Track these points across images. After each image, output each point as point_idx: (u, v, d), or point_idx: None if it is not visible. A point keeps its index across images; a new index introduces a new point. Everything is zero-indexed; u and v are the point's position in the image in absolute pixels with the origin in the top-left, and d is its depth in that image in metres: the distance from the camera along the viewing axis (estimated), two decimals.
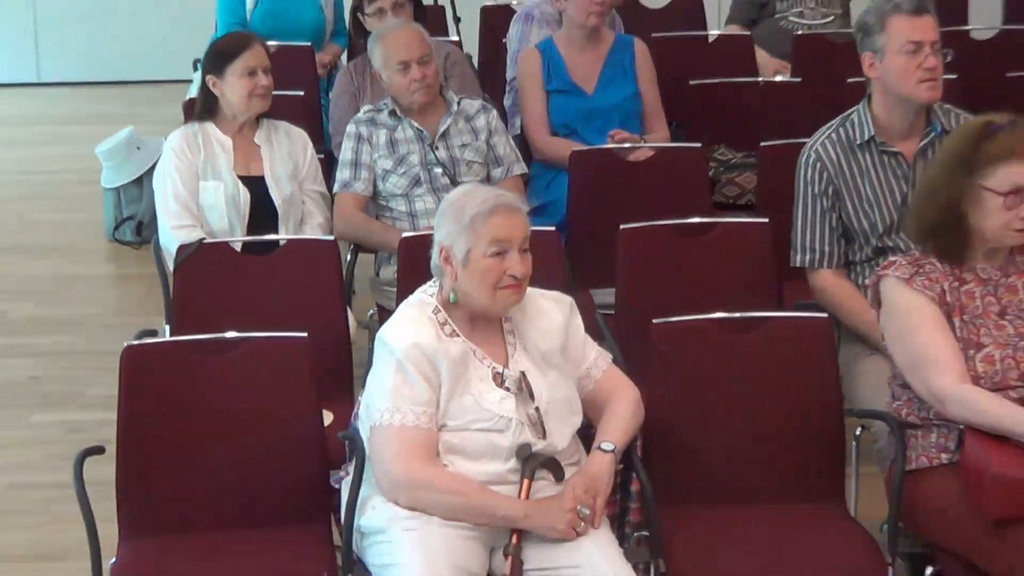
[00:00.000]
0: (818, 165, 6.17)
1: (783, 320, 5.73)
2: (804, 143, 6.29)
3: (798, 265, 6.25)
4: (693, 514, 5.35)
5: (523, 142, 7.85)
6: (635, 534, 5.33)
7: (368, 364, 5.24)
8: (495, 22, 9.96)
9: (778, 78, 9.11)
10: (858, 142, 6.18)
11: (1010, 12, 10.39)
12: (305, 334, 5.46)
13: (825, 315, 5.82)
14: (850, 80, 7.82)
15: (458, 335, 5.02)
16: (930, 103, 6.16)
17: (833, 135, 6.22)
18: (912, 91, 6.08)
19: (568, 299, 5.28)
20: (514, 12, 9.46)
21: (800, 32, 9.74)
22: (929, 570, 5.28)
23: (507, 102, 8.40)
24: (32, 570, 6.17)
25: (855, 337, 6.01)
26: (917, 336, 5.18)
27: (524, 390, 5.00)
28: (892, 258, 5.39)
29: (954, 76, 6.55)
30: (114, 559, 5.12)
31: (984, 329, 5.21)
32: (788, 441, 5.53)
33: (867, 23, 6.20)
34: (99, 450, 5.23)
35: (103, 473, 5.25)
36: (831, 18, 9.99)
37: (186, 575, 5.12)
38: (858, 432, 5.76)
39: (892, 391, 5.41)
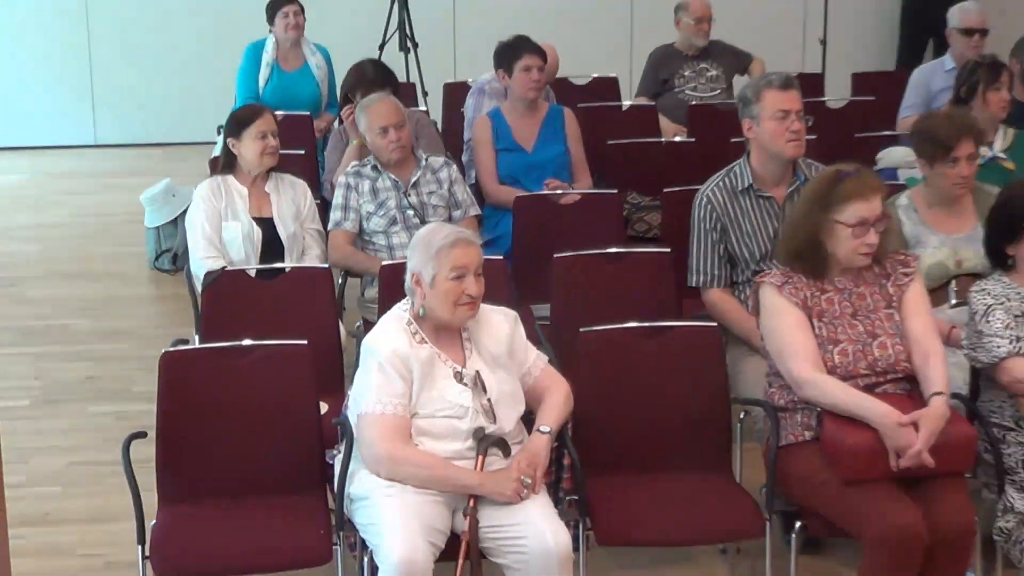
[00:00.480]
0: (708, 207, 6.17)
1: (682, 328, 5.72)
2: (697, 189, 6.28)
3: (694, 285, 6.24)
4: (613, 481, 5.33)
5: (477, 189, 7.84)
6: (567, 498, 5.33)
7: (355, 365, 5.22)
8: (454, 95, 9.95)
9: (677, 139, 9.12)
10: (739, 189, 6.17)
11: (856, 87, 10.43)
12: (305, 342, 5.45)
13: (715, 324, 5.84)
14: (733, 140, 7.81)
15: (426, 342, 5.02)
16: (795, 158, 6.17)
17: (720, 183, 6.22)
18: (782, 149, 6.09)
19: (513, 313, 5.28)
20: (470, 88, 9.48)
21: (694, 103, 9.75)
22: (797, 524, 5.26)
23: (465, 158, 8.38)
24: (90, 530, 6.14)
25: (739, 341, 6.01)
26: (783, 332, 5.22)
27: (478, 385, 5.01)
28: (771, 271, 5.39)
29: (814, 137, 6.54)
30: (154, 521, 5.12)
31: (840, 328, 5.22)
32: (687, 423, 5.53)
33: (746, 95, 6.22)
34: (142, 435, 5.24)
35: (146, 453, 5.25)
36: (718, 91, 10.03)
37: (212, 532, 5.10)
38: (742, 416, 5.76)
39: (767, 383, 5.40)
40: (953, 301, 5.99)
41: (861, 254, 5.21)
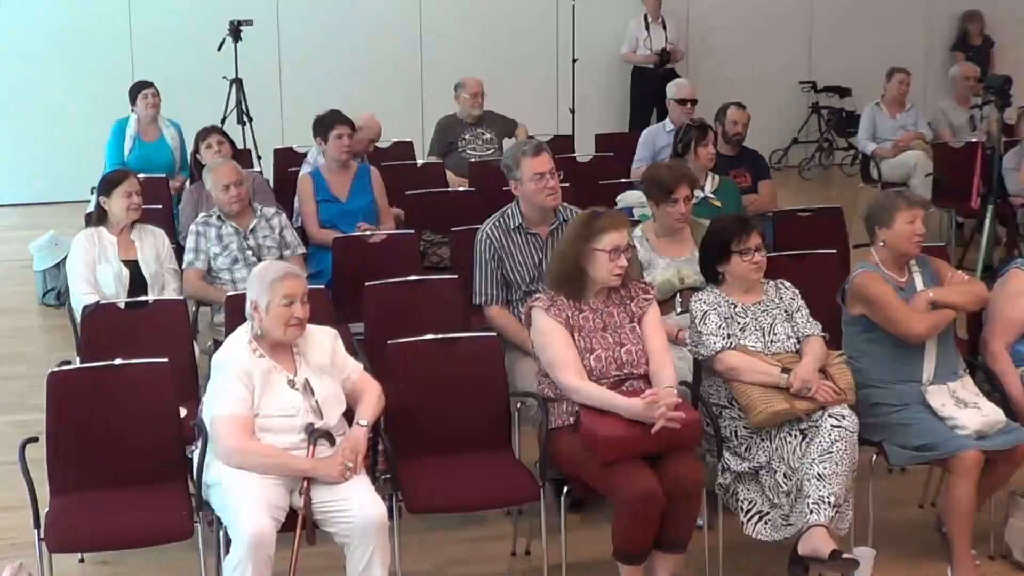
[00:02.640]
0: (487, 241, 6.16)
1: (469, 339, 5.70)
2: (479, 228, 6.26)
3: (477, 304, 6.22)
4: (419, 462, 5.30)
5: (303, 233, 7.74)
6: (382, 477, 5.32)
7: (208, 377, 5.11)
8: (282, 158, 9.84)
9: (461, 189, 9.11)
10: (512, 227, 6.17)
11: (599, 145, 10.52)
12: (166, 360, 5.36)
13: (495, 335, 5.82)
14: (504, 188, 7.81)
15: (264, 356, 4.97)
16: (554, 207, 6.17)
17: (496, 223, 6.21)
18: (542, 202, 6.11)
19: (333, 331, 5.24)
20: (295, 153, 9.42)
21: (473, 160, 9.77)
22: (565, 489, 5.27)
23: (294, 208, 8.27)
24: None
25: (514, 346, 5.99)
26: (551, 347, 5.21)
27: (308, 389, 4.96)
28: (538, 295, 5.38)
29: (568, 185, 6.59)
30: (47, 508, 5.00)
31: (595, 339, 5.23)
32: (476, 413, 5.53)
33: (508, 163, 6.23)
34: (35, 439, 5.15)
35: (39, 454, 5.13)
36: (492, 151, 10.04)
37: (94, 516, 4.99)
38: (519, 406, 5.73)
39: (538, 379, 5.40)
40: (679, 310, 6.06)
41: (615, 275, 5.24)
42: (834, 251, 6.85)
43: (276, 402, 4.91)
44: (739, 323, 5.45)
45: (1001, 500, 5.73)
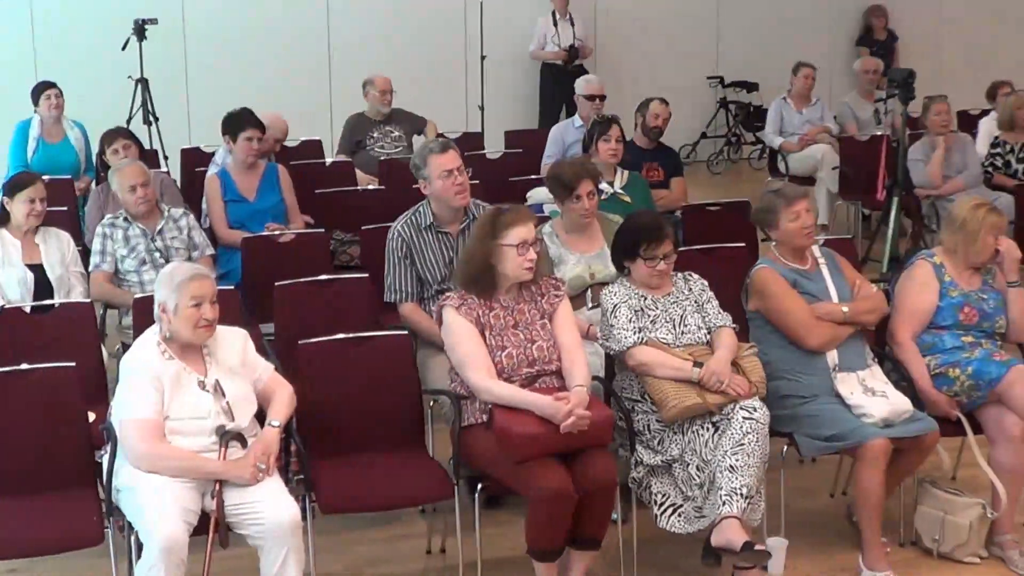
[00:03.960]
0: (399, 239, 6.13)
1: (381, 337, 5.68)
2: (389, 226, 6.24)
3: (390, 301, 6.19)
4: (332, 462, 5.29)
5: (211, 233, 7.68)
6: (295, 477, 5.26)
7: (116, 380, 5.06)
8: (189, 158, 9.77)
9: (370, 187, 9.10)
10: (423, 226, 6.15)
11: (509, 142, 10.55)
12: (74, 364, 5.31)
13: (406, 332, 5.82)
14: (414, 186, 7.81)
15: (174, 358, 4.92)
16: (464, 206, 6.17)
17: (408, 221, 6.18)
18: (451, 199, 6.09)
19: (243, 331, 5.22)
20: (202, 153, 9.34)
21: (383, 158, 9.75)
22: (479, 486, 5.26)
23: (203, 208, 8.20)
24: None
25: (427, 344, 5.98)
26: (460, 346, 5.21)
27: (218, 391, 4.93)
28: (448, 294, 5.38)
29: (477, 182, 6.60)
30: None
31: (506, 337, 5.23)
32: (389, 412, 5.52)
33: (416, 162, 6.21)
34: None
35: None
36: (400, 148, 10.05)
37: (2, 523, 4.91)
38: (432, 404, 5.74)
39: (451, 377, 5.39)
40: (590, 304, 6.08)
41: (525, 269, 5.24)
42: (743, 244, 6.94)
43: (186, 404, 4.86)
44: (650, 315, 5.49)
45: (910, 488, 5.82)
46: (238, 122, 7.95)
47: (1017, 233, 7.61)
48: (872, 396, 5.49)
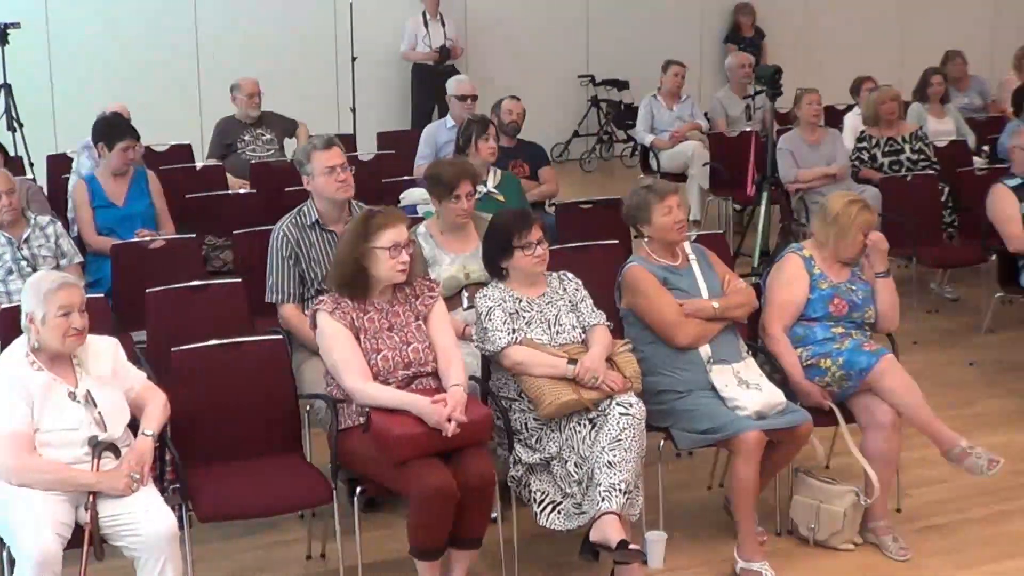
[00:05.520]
0: (284, 239, 6.08)
1: (255, 343, 5.63)
2: (262, 230, 6.21)
3: (272, 301, 6.12)
4: (208, 470, 5.25)
5: (80, 240, 7.56)
6: (171, 486, 5.20)
7: None
8: (55, 165, 9.61)
9: (242, 191, 9.02)
10: (308, 224, 6.11)
11: (381, 143, 10.56)
12: None
13: (281, 337, 5.77)
14: (287, 189, 7.81)
15: (43, 369, 4.84)
16: (348, 200, 6.15)
17: (293, 220, 6.14)
18: (334, 195, 6.09)
19: (114, 340, 5.15)
20: (69, 160, 9.18)
21: (254, 162, 9.67)
22: (358, 489, 5.24)
23: (70, 216, 8.05)
24: None
25: (303, 347, 5.95)
26: (336, 350, 5.20)
27: (90, 401, 4.85)
28: (321, 297, 5.35)
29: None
30: None
31: (381, 340, 5.23)
32: (265, 417, 5.49)
33: (299, 159, 6.20)
34: None
35: None
36: (272, 151, 9.99)
37: None
38: (308, 408, 5.71)
39: (326, 381, 5.37)
40: (465, 305, 6.09)
41: (398, 271, 5.24)
42: (616, 241, 7.00)
43: (57, 416, 4.78)
44: (524, 317, 5.51)
45: (786, 478, 5.93)
46: (115, 132, 7.78)
47: (884, 224, 7.76)
48: (747, 389, 5.57)
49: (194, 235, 7.56)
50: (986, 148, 10.60)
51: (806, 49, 15.49)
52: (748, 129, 10.86)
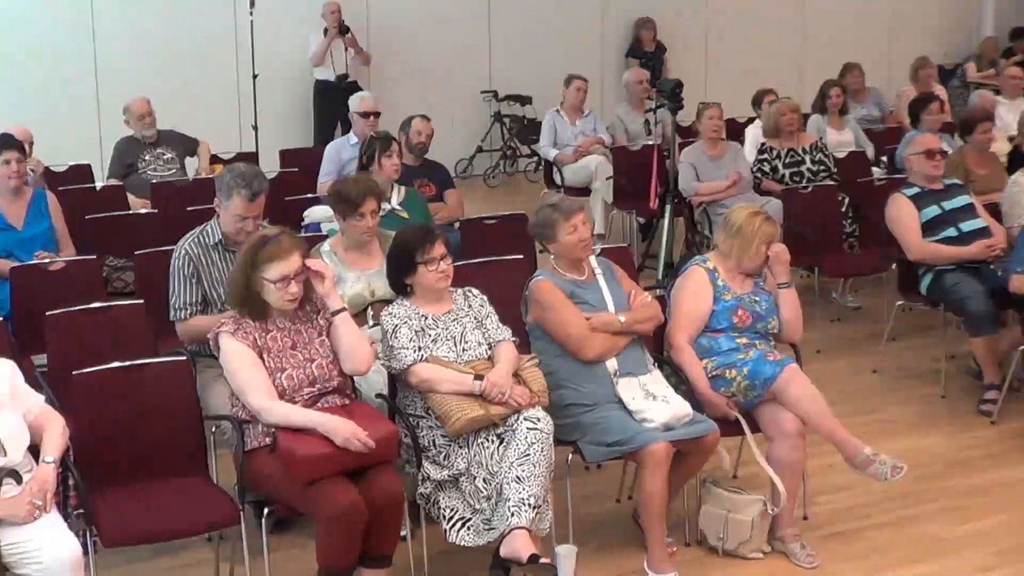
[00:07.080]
0: (186, 257, 6.03)
1: (158, 364, 5.57)
2: (164, 250, 6.15)
3: (175, 319, 6.06)
4: (113, 494, 5.18)
5: None
6: (75, 512, 5.11)
7: None
8: None
9: (143, 211, 8.93)
10: (211, 244, 6.07)
11: (284, 161, 10.52)
12: None
13: (185, 358, 5.69)
14: (189, 208, 7.76)
15: None
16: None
17: (196, 239, 6.09)
18: (235, 236, 6.02)
19: (11, 363, 5.07)
20: None
21: (155, 181, 9.61)
22: (266, 510, 5.21)
23: None
24: None
25: (208, 367, 5.87)
26: (240, 372, 5.17)
27: None
28: (223, 319, 5.30)
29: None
30: None
31: (285, 358, 5.21)
32: (170, 439, 5.42)
33: (222, 185, 6.07)
34: None
35: None
36: (173, 171, 9.95)
37: None
38: (214, 429, 5.66)
39: (231, 402, 5.33)
40: (371, 323, 6.07)
41: (287, 301, 5.22)
42: (521, 256, 7.02)
43: None
44: (430, 335, 5.51)
45: (694, 488, 5.97)
46: None
47: (786, 235, 7.85)
48: (653, 401, 5.61)
49: (95, 256, 7.48)
50: (884, 159, 10.78)
51: (707, 63, 15.66)
52: (650, 143, 10.93)
